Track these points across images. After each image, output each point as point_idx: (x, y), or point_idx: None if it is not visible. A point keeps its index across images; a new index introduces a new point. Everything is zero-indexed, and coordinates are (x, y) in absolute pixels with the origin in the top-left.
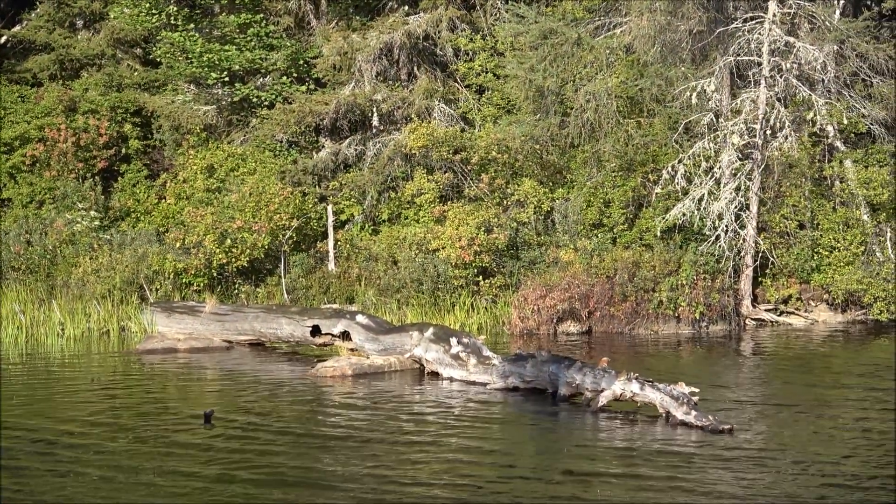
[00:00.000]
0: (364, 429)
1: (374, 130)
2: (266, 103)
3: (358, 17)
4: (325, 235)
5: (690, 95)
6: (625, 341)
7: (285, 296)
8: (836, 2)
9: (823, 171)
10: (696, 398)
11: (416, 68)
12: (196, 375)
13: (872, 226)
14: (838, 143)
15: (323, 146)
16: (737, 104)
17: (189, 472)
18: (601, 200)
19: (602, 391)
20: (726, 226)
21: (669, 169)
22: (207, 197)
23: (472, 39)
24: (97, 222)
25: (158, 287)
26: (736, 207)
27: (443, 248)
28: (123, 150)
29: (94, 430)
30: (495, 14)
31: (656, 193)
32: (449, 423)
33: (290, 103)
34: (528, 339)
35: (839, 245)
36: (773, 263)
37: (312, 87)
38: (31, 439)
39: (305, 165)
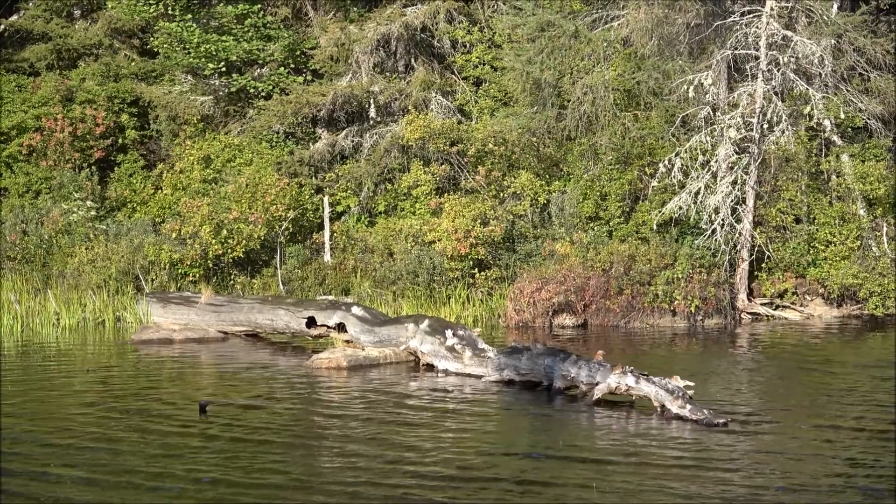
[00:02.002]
0: (357, 422)
1: (371, 122)
2: (263, 94)
3: (355, 9)
4: (321, 227)
5: (687, 89)
6: (620, 335)
7: (281, 287)
8: None
9: (820, 165)
10: (691, 392)
11: (413, 60)
12: (191, 366)
13: (869, 220)
14: (835, 138)
15: (320, 137)
16: (734, 98)
17: (182, 464)
18: (597, 193)
19: (597, 384)
20: (722, 219)
21: (666, 162)
22: (204, 188)
23: (469, 31)
24: (93, 212)
25: (154, 277)
26: (732, 201)
27: (439, 241)
28: (120, 141)
29: (87, 421)
30: (493, 6)
31: (653, 187)
32: (444, 416)
33: (287, 94)
34: (523, 331)
35: (835, 239)
36: (768, 257)
37: (309, 78)
38: (24, 430)
39: (302, 157)
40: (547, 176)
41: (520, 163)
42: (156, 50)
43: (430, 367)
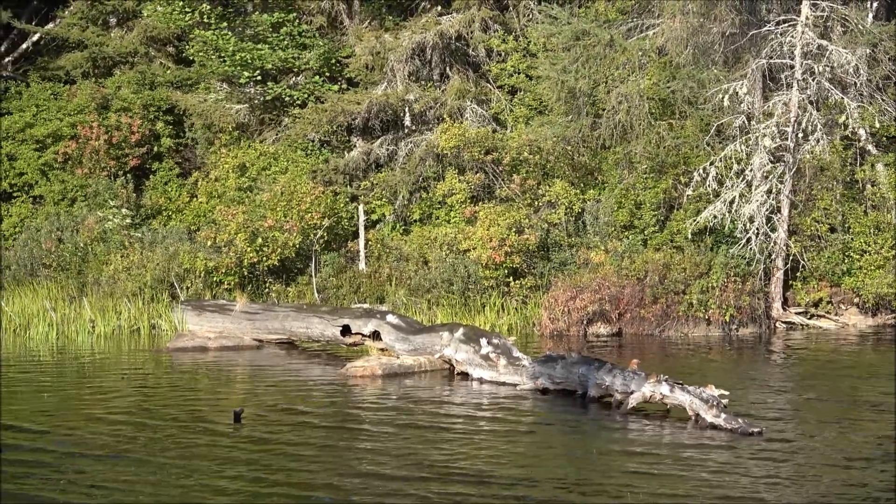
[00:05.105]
0: (392, 430)
1: (406, 130)
2: (298, 102)
3: (390, 17)
4: (356, 235)
5: (722, 98)
6: (655, 343)
7: (316, 295)
8: (869, 5)
9: (855, 174)
10: (725, 401)
11: (448, 68)
12: (226, 374)
13: None
14: (870, 147)
15: (355, 146)
16: (769, 107)
17: (216, 472)
18: (632, 202)
19: (632, 393)
20: (757, 228)
21: (701, 171)
22: (239, 196)
23: (504, 40)
24: (128, 220)
25: (189, 285)
26: (767, 210)
27: (473, 249)
28: (155, 148)
29: (121, 429)
30: (528, 15)
31: (687, 195)
32: (478, 424)
33: (323, 102)
34: (557, 340)
35: (870, 249)
36: (803, 266)
37: (345, 86)
38: (58, 436)
39: (337, 165)
40: (581, 184)
41: (554, 171)
42: (191, 58)
43: (465, 376)
